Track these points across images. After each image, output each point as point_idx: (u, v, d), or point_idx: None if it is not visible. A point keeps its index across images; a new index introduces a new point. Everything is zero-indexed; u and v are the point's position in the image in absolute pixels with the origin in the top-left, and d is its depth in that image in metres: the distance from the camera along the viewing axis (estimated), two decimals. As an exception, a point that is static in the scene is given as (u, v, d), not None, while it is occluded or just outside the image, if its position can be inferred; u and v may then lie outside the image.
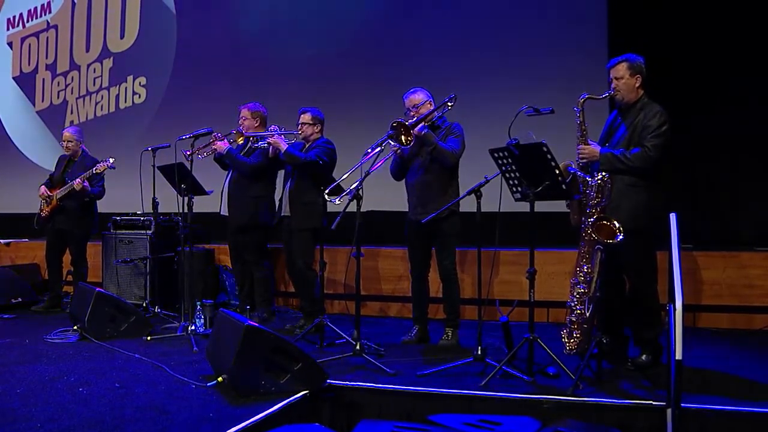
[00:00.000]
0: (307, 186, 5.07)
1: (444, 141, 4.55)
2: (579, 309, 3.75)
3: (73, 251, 6.12)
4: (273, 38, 7.55)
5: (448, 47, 6.78)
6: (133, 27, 8.39)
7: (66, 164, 6.17)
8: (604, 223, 3.65)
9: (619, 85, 3.95)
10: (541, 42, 6.46)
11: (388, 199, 5.51)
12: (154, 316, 5.66)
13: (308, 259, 5.14)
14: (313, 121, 5.21)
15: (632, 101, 3.95)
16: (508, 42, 6.61)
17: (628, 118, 3.95)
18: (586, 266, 3.74)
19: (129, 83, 8.38)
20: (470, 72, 6.61)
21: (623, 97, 3.95)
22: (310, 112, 5.23)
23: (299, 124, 5.23)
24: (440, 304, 4.87)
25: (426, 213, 4.45)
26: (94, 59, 8.65)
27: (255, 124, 5.48)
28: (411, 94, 4.69)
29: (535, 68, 6.39)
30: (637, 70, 3.95)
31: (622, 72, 3.94)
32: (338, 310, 6.00)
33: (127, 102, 8.40)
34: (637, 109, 3.93)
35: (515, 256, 5.48)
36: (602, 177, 3.73)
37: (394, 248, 5.96)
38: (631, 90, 3.94)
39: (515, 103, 4.03)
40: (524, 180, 3.74)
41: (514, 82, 6.44)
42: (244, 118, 5.50)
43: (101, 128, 8.37)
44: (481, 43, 6.69)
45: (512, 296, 5.23)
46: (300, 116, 5.24)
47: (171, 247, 6.15)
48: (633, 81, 3.93)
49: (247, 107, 5.53)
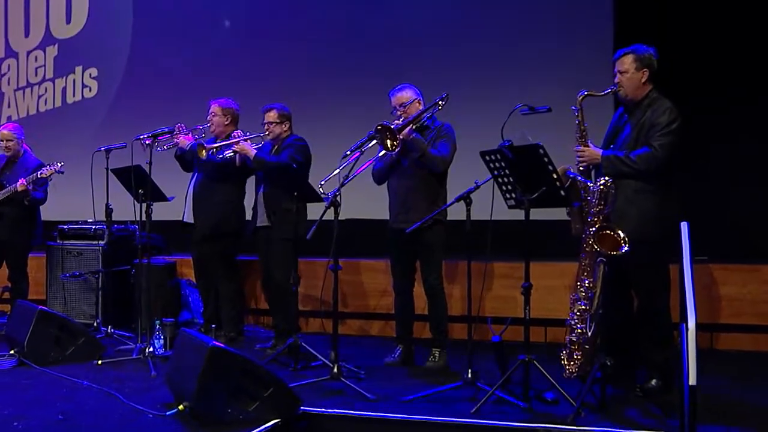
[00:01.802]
0: (282, 191, 5.07)
1: (433, 144, 4.58)
2: (580, 328, 3.79)
3: (12, 264, 6.02)
4: (244, 25, 7.54)
5: (436, 38, 6.81)
6: (82, 10, 8.27)
7: (4, 166, 6.08)
8: (607, 232, 3.68)
9: (623, 80, 3.93)
10: (536, 32, 6.49)
11: (370, 205, 5.54)
12: (106, 337, 5.62)
13: (288, 273, 5.16)
14: (280, 118, 5.21)
15: (638, 98, 3.93)
16: (499, 32, 6.65)
17: (635, 117, 3.94)
18: (587, 280, 3.78)
19: (77, 75, 8.30)
20: (459, 65, 6.65)
21: (626, 94, 3.95)
22: (275, 108, 5.23)
23: (265, 124, 5.24)
24: (427, 322, 4.91)
25: (408, 221, 4.49)
26: (34, 46, 8.50)
27: (225, 122, 5.49)
28: (398, 91, 4.72)
29: (530, 62, 6.43)
30: (645, 64, 3.91)
31: (627, 65, 3.92)
32: (314, 329, 5.99)
33: (76, 96, 8.32)
34: (644, 106, 3.91)
35: (509, 268, 5.53)
36: (604, 182, 3.76)
37: (376, 260, 5.98)
38: (636, 86, 3.92)
39: (509, 100, 4.08)
40: (519, 185, 3.78)
41: (507, 77, 6.49)
42: (213, 114, 5.50)
43: (45, 125, 8.24)
44: (471, 33, 6.72)
45: (506, 313, 5.22)
46: (264, 115, 5.25)
47: (127, 260, 6.13)
48: (639, 76, 3.90)
49: (218, 103, 5.53)
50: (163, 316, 5.40)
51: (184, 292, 6.37)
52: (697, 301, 2.92)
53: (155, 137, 5.10)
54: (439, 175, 4.62)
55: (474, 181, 4.06)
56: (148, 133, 5.10)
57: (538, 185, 3.70)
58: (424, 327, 5.15)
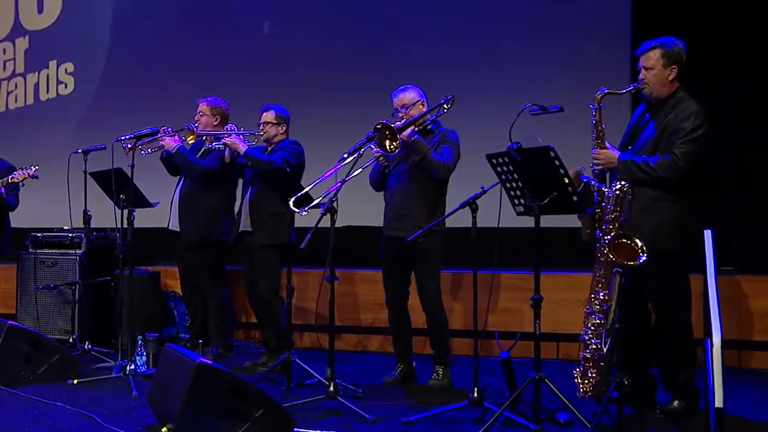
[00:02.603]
0: (271, 195, 5.09)
1: (436, 150, 4.60)
2: (594, 343, 3.80)
3: (-23, 275, 6.07)
4: (233, 19, 7.54)
5: (439, 34, 6.84)
6: (55, 0, 8.28)
7: (-31, 169, 6.08)
8: (623, 241, 3.69)
9: (648, 76, 3.88)
10: (546, 27, 6.51)
11: (368, 212, 5.55)
12: (83, 354, 5.61)
13: (274, 284, 5.17)
14: (277, 120, 5.24)
15: (663, 96, 3.90)
16: (506, 27, 6.68)
17: (658, 117, 3.91)
18: (602, 293, 3.79)
19: (52, 70, 8.26)
20: (464, 62, 6.69)
21: (652, 92, 3.91)
22: (273, 109, 5.27)
23: (261, 124, 5.26)
24: (428, 336, 4.92)
25: (404, 229, 4.51)
26: (2, 37, 8.41)
27: (214, 122, 5.52)
28: (400, 92, 4.74)
29: (540, 58, 6.46)
30: (674, 59, 3.86)
31: (654, 61, 3.87)
32: (308, 344, 6.02)
33: (50, 93, 8.29)
34: (668, 106, 3.88)
35: (517, 279, 5.55)
36: (621, 186, 3.76)
37: (374, 270, 5.95)
38: (662, 83, 3.88)
39: (517, 99, 4.10)
40: (528, 190, 3.80)
41: (515, 75, 6.52)
42: (201, 114, 5.54)
43: (16, 124, 8.22)
44: (474, 28, 6.75)
45: (514, 328, 5.26)
46: (262, 114, 5.27)
47: (106, 270, 6.12)
48: (666, 73, 3.86)
49: (207, 101, 5.56)
50: (146, 330, 5.41)
51: (169, 305, 6.36)
52: (723, 316, 2.91)
53: (138, 139, 5.11)
54: (439, 182, 4.63)
55: (480, 185, 4.07)
56: (130, 134, 5.10)
57: (549, 190, 3.71)
58: (425, 342, 5.16)
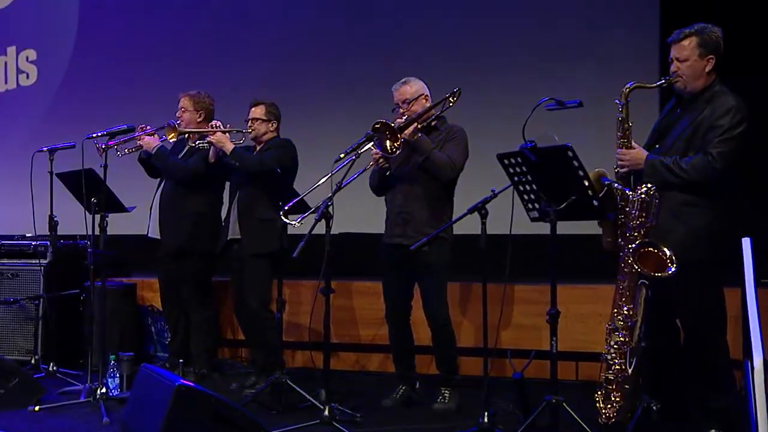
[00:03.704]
0: (261, 199, 5.10)
1: (441, 148, 4.61)
2: (618, 363, 3.79)
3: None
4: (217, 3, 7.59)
5: (442, 17, 6.86)
6: (12, -23, 8.22)
7: None
8: (650, 250, 3.68)
9: (681, 68, 3.85)
10: (563, 13, 6.52)
11: (367, 217, 5.56)
12: (47, 376, 5.60)
13: (264, 296, 5.18)
14: (267, 116, 5.25)
15: (698, 90, 3.88)
16: (519, 11, 6.68)
17: (691, 113, 3.89)
18: (626, 307, 3.80)
19: (10, 57, 8.24)
20: (472, 51, 6.70)
21: (686, 86, 3.88)
22: (264, 104, 5.27)
23: (249, 120, 5.27)
24: (433, 355, 4.94)
25: (406, 235, 4.53)
26: (-50, 20, 8.35)
27: (198, 118, 5.52)
28: (401, 85, 4.75)
29: (556, 48, 6.48)
30: (711, 49, 3.83)
31: (688, 51, 3.84)
32: (301, 363, 6.02)
33: (9, 83, 8.28)
34: (703, 100, 3.86)
35: (532, 292, 5.54)
36: (647, 189, 3.75)
37: (374, 282, 5.97)
38: (697, 76, 3.85)
39: (531, 94, 4.13)
40: (543, 194, 3.81)
41: (529, 65, 6.53)
42: (183, 109, 5.54)
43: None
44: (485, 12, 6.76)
45: (528, 345, 5.27)
46: (250, 110, 5.28)
47: (75, 282, 6.12)
48: (702, 64, 3.83)
49: (189, 95, 5.56)
50: (119, 349, 5.40)
51: (146, 321, 6.35)
52: (765, 334, 2.90)
53: (112, 136, 5.12)
54: (446, 184, 4.64)
55: (490, 188, 4.07)
56: (103, 130, 5.10)
57: (567, 193, 3.72)
58: (430, 360, 5.18)
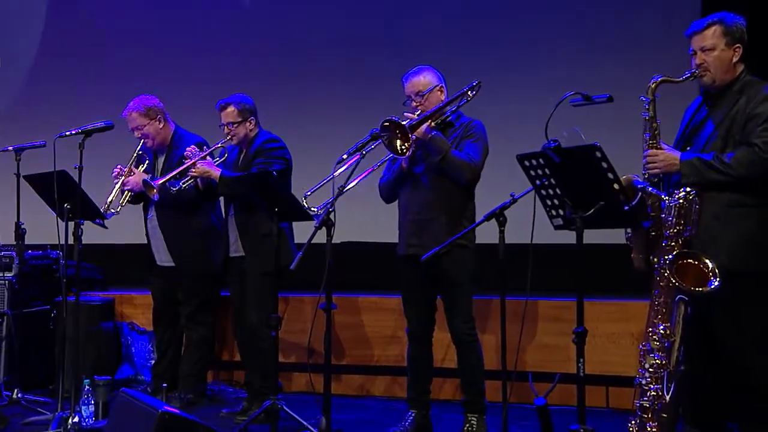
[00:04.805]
0: (257, 211, 5.09)
1: (458, 146, 4.60)
2: (654, 389, 3.76)
3: None
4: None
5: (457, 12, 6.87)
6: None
7: None
8: (689, 261, 3.68)
9: (707, 60, 3.93)
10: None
11: (373, 225, 5.59)
12: (11, 404, 5.57)
13: (266, 312, 5.19)
14: (241, 115, 5.27)
15: (726, 83, 3.95)
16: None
17: (722, 108, 3.95)
18: (662, 325, 3.77)
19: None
20: (489, 40, 6.72)
21: (714, 79, 3.95)
22: (231, 103, 5.28)
23: (223, 126, 5.28)
24: (447, 378, 4.93)
25: (423, 245, 4.48)
26: None
27: (159, 126, 5.61)
28: (414, 75, 4.73)
29: (583, 34, 6.48)
30: (737, 37, 3.92)
31: (714, 40, 3.92)
32: (299, 388, 6.01)
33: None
34: (733, 93, 3.93)
35: (556, 308, 5.54)
36: (686, 194, 3.76)
37: (380, 296, 6.00)
38: (726, 67, 3.93)
39: (554, 88, 4.11)
40: (568, 199, 3.78)
41: (552, 56, 6.53)
42: (138, 127, 5.57)
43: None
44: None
45: (552, 368, 5.27)
46: (220, 114, 5.29)
47: (45, 297, 6.13)
48: (730, 54, 3.92)
49: (136, 111, 5.60)
50: (95, 373, 5.39)
51: (125, 341, 6.37)
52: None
53: (87, 134, 5.09)
54: (465, 186, 4.63)
55: (509, 193, 4.05)
56: (78, 128, 5.09)
57: (595, 199, 3.68)
58: (443, 384, 5.18)
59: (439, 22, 6.87)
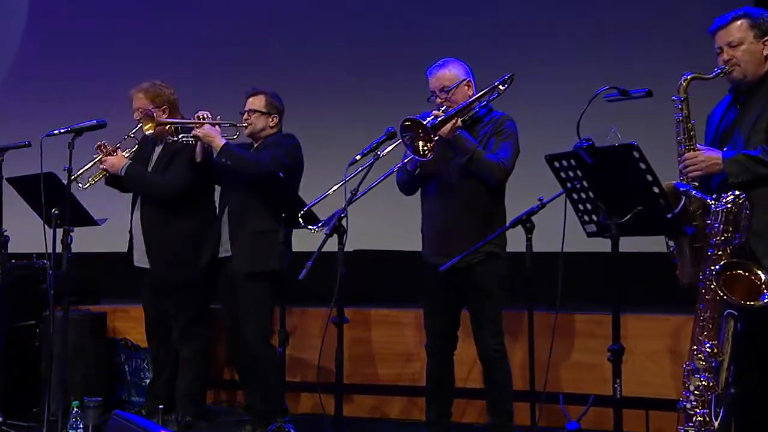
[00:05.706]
0: (258, 207, 5.12)
1: (487, 143, 4.60)
2: (701, 414, 3.73)
3: None
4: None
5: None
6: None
7: None
8: (738, 272, 3.66)
9: (736, 55, 3.96)
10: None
11: (388, 231, 5.58)
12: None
13: (262, 326, 5.20)
14: (268, 108, 5.31)
15: (758, 78, 3.99)
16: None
17: (755, 104, 3.98)
18: (709, 343, 3.74)
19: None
20: (515, 30, 6.77)
21: (745, 74, 3.98)
22: (264, 94, 5.32)
23: (245, 113, 5.31)
24: (468, 398, 4.90)
25: (449, 254, 4.45)
26: None
27: (163, 115, 5.56)
28: (438, 68, 4.74)
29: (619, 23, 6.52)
30: (765, 30, 3.98)
31: (741, 34, 3.97)
32: (308, 409, 6.03)
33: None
34: (765, 88, 3.99)
35: (589, 323, 5.53)
36: (735, 197, 3.73)
37: (397, 309, 6.01)
38: (758, 61, 3.97)
39: (585, 83, 4.10)
40: (602, 204, 3.78)
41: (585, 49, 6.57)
42: (140, 110, 5.52)
43: None
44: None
45: (585, 389, 5.27)
46: (247, 100, 5.32)
47: (30, 311, 6.15)
48: (759, 48, 3.96)
49: (142, 89, 5.59)
50: (85, 394, 5.37)
51: (118, 359, 6.40)
52: None
53: (78, 133, 5.11)
54: (494, 188, 4.62)
55: (538, 197, 4.09)
56: (66, 127, 5.10)
57: (632, 203, 3.68)
58: (466, 406, 5.17)
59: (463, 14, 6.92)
